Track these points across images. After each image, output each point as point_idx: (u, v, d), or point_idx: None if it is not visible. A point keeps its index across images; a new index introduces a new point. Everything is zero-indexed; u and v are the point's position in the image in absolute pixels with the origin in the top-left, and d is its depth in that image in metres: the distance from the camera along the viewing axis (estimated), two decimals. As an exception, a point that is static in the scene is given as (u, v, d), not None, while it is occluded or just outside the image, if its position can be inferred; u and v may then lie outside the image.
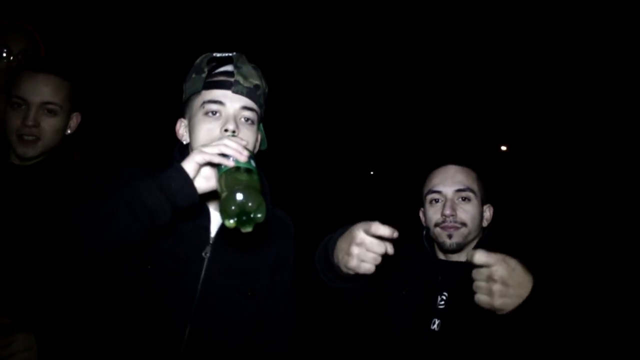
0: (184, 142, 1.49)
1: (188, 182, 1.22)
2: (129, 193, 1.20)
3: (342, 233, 1.31)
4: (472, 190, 1.76)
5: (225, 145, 1.22)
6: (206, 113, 1.40)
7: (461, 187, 1.75)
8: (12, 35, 2.22)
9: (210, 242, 1.44)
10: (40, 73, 1.70)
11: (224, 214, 1.13)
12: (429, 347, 1.63)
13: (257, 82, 1.45)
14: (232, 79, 1.40)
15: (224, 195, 1.14)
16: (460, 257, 1.76)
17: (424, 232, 1.89)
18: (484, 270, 1.24)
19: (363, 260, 1.23)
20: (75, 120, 1.83)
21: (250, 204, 1.12)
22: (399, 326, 1.71)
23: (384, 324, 1.75)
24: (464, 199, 1.75)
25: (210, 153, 1.22)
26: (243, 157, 1.22)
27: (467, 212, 1.74)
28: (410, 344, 1.66)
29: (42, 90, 1.68)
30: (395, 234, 1.21)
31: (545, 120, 11.06)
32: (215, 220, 1.47)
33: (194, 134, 1.41)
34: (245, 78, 1.41)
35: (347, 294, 1.40)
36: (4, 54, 2.19)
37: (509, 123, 12.40)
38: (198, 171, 1.24)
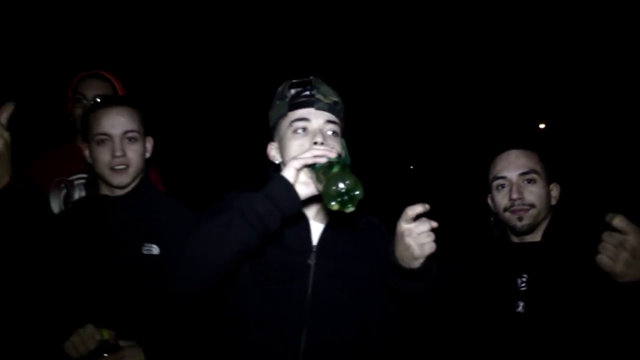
0: (277, 162, 1.64)
1: (290, 187, 1.36)
2: (242, 204, 1.36)
3: (393, 242, 1.42)
4: (536, 172, 1.79)
5: (316, 149, 1.39)
6: (295, 131, 1.54)
7: (525, 170, 1.79)
8: (87, 83, 2.45)
9: (314, 249, 1.56)
10: (113, 107, 1.87)
11: (327, 197, 1.28)
12: (517, 330, 1.67)
13: (335, 98, 1.60)
14: (313, 98, 1.55)
15: (323, 183, 1.29)
16: (535, 237, 1.81)
17: (492, 219, 1.93)
18: (617, 236, 1.29)
19: (421, 244, 1.32)
20: (150, 143, 2.00)
21: (348, 182, 1.26)
22: (483, 314, 1.76)
23: (465, 316, 1.79)
24: (529, 181, 1.79)
25: (305, 157, 1.37)
26: (333, 153, 1.37)
27: (533, 193, 1.77)
28: (498, 329, 1.71)
29: (120, 122, 1.85)
30: (427, 206, 1.32)
31: (579, 97, 10.72)
32: (316, 229, 1.60)
33: (285, 151, 1.56)
34: (324, 96, 1.56)
35: (421, 293, 1.47)
36: (83, 101, 2.41)
37: (545, 101, 12.08)
38: (297, 177, 1.38)
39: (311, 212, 1.61)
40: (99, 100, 1.95)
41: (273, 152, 1.65)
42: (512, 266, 1.79)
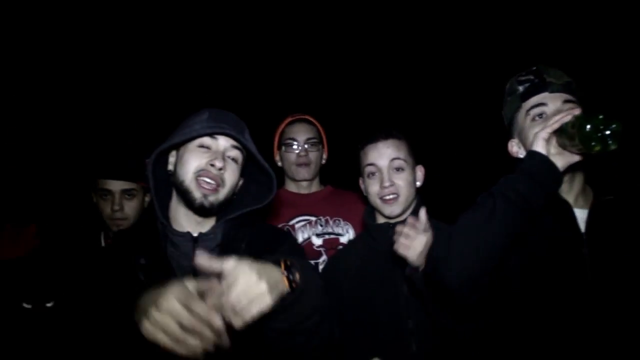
0: (521, 156, 1.56)
1: (546, 159, 1.32)
2: (501, 188, 1.35)
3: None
4: None
5: (559, 115, 1.35)
6: (533, 119, 1.53)
7: None
8: (297, 128, 2.53)
9: (584, 237, 1.48)
10: (379, 140, 1.96)
11: (585, 140, 1.22)
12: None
13: (567, 79, 1.55)
14: (545, 83, 1.52)
15: (577, 131, 1.25)
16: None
17: None
18: None
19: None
20: (421, 172, 2.05)
21: (601, 117, 1.22)
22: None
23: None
24: None
25: (549, 124, 1.34)
26: (576, 110, 1.33)
27: None
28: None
29: (387, 153, 1.95)
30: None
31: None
32: (579, 215, 1.50)
33: (527, 141, 1.51)
34: (556, 78, 1.53)
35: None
36: (294, 146, 2.49)
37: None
38: (548, 149, 1.34)
39: (570, 196, 1.52)
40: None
41: (515, 148, 1.62)
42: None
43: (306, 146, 2.49)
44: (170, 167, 1.54)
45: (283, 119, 2.60)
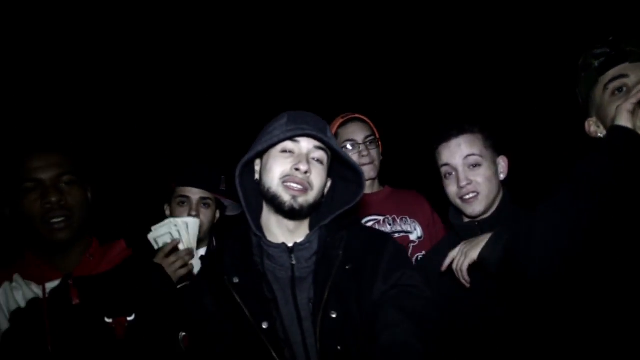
0: (601, 135, 1.49)
1: (632, 133, 1.23)
2: (583, 168, 1.27)
3: None
4: None
5: None
6: (612, 93, 1.41)
7: None
8: (352, 128, 2.50)
9: None
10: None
11: None
12: None
13: None
14: (624, 53, 1.39)
15: None
16: None
17: None
18: None
19: None
20: (504, 162, 1.94)
21: None
22: None
23: None
24: None
25: (633, 94, 1.27)
26: None
27: None
28: None
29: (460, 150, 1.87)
30: None
31: None
32: None
33: (608, 118, 1.40)
34: (637, 46, 1.40)
35: None
36: (354, 147, 2.48)
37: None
38: (634, 122, 1.26)
39: None
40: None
41: (593, 127, 1.50)
42: None
43: (366, 144, 2.45)
44: (257, 176, 1.53)
45: (331, 121, 2.54)
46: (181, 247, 1.97)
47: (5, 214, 1.61)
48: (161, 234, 2.01)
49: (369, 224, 2.41)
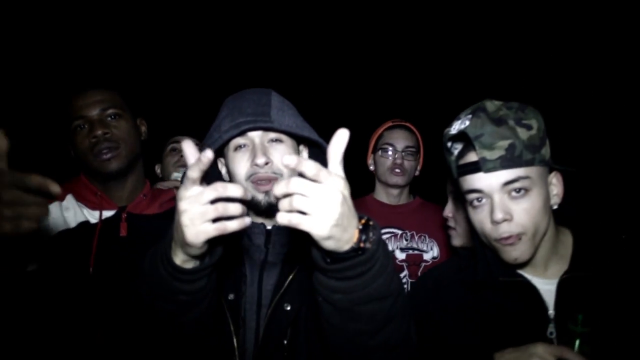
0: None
1: None
2: None
3: None
4: None
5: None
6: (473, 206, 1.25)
7: None
8: (396, 134, 2.44)
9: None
10: None
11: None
12: None
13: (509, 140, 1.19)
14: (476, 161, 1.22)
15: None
16: None
17: None
18: None
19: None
20: None
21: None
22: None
23: None
24: None
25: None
26: None
27: None
28: None
29: None
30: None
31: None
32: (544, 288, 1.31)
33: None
34: (489, 147, 1.19)
35: None
36: (390, 152, 2.40)
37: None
38: None
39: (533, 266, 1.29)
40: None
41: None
42: None
43: (403, 154, 2.39)
44: (225, 177, 1.43)
45: (382, 123, 2.50)
46: None
47: (71, 155, 1.70)
48: None
49: (385, 236, 2.35)
